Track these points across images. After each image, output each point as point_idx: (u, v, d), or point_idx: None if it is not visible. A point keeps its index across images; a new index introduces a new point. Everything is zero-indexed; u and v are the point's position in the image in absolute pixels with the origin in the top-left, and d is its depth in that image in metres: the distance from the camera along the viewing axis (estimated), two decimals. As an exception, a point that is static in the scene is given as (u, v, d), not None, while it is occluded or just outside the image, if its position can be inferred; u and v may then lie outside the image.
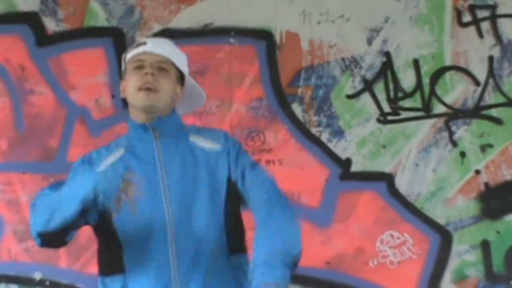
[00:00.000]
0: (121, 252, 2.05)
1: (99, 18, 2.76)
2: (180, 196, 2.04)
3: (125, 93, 2.13)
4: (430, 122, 2.82)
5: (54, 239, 1.99)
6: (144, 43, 2.10)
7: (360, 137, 2.81)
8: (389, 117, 2.81)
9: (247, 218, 2.00)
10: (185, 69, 2.17)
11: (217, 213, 2.05)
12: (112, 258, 2.08)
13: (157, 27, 2.77)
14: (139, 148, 2.11)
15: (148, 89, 2.03)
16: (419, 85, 2.82)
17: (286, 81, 2.79)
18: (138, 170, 2.05)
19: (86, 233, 2.71)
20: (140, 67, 2.06)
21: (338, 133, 2.80)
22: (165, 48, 2.13)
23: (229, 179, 2.08)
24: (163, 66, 2.08)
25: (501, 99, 2.82)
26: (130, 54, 2.12)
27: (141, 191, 2.03)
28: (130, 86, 2.06)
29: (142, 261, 2.02)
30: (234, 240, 2.06)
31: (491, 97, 2.83)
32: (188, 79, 2.20)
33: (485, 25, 2.83)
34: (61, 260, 2.71)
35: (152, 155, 2.08)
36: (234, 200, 2.06)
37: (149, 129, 2.10)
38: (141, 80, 2.05)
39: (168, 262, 1.99)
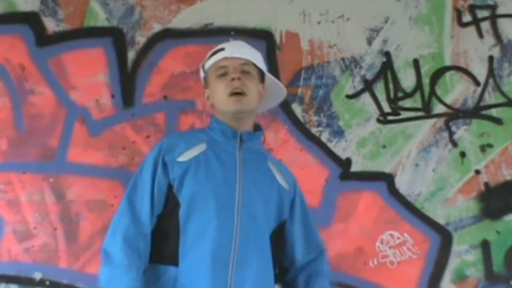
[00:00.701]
0: (177, 246, 2.08)
1: (99, 18, 2.76)
2: (251, 210, 2.10)
3: (210, 101, 2.22)
4: (430, 122, 2.82)
5: None
6: (222, 49, 2.17)
7: (360, 137, 2.81)
8: (389, 117, 2.81)
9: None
10: (264, 67, 2.23)
11: (266, 233, 2.16)
12: (168, 248, 2.10)
13: (157, 27, 2.77)
14: (222, 151, 2.15)
15: (238, 93, 2.11)
16: (419, 85, 2.82)
17: (286, 81, 2.79)
18: (219, 172, 2.10)
19: (86, 233, 2.73)
20: (224, 74, 2.14)
21: (338, 133, 2.80)
22: (244, 50, 2.20)
23: (284, 220, 2.21)
24: (246, 68, 2.16)
25: (501, 99, 2.83)
26: (210, 62, 2.20)
27: (217, 194, 2.09)
28: (219, 94, 2.13)
29: (200, 260, 2.05)
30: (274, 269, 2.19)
31: (491, 97, 2.83)
32: (268, 76, 2.24)
33: (485, 25, 2.84)
34: (61, 260, 2.71)
35: (234, 163, 2.13)
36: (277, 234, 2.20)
37: (237, 137, 2.16)
38: (229, 86, 2.12)
39: (227, 267, 2.05)
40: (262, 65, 2.23)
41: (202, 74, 2.25)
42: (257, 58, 2.22)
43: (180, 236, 2.08)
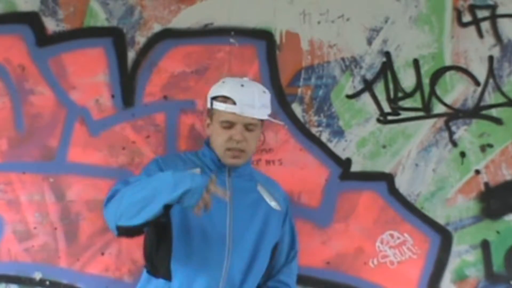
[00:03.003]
0: (169, 262, 2.16)
1: (99, 18, 2.76)
2: (241, 239, 2.20)
3: (208, 132, 2.29)
4: (430, 122, 2.82)
5: (132, 232, 2.07)
6: (234, 103, 2.18)
7: (360, 137, 2.81)
8: (389, 117, 2.81)
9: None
10: (269, 113, 2.27)
11: (264, 264, 2.29)
12: (160, 261, 2.18)
13: (157, 27, 2.77)
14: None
15: (236, 152, 2.19)
16: (419, 85, 2.82)
17: (286, 81, 2.79)
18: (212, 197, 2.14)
19: (86, 233, 2.73)
20: (228, 127, 2.20)
21: (338, 133, 2.80)
22: (254, 107, 2.19)
23: (277, 242, 2.34)
24: (251, 127, 2.23)
25: (501, 99, 2.83)
26: (219, 106, 2.22)
27: (208, 220, 2.15)
28: (219, 142, 2.21)
29: (191, 279, 2.15)
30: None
31: (491, 97, 2.83)
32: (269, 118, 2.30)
33: (485, 25, 2.84)
34: (61, 260, 2.71)
35: (224, 190, 2.13)
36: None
37: (226, 168, 2.25)
38: (230, 143, 2.20)
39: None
40: (268, 112, 2.27)
41: (208, 104, 2.30)
42: (266, 107, 2.25)
43: (172, 253, 2.16)
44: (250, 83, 2.27)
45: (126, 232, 2.04)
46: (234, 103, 2.18)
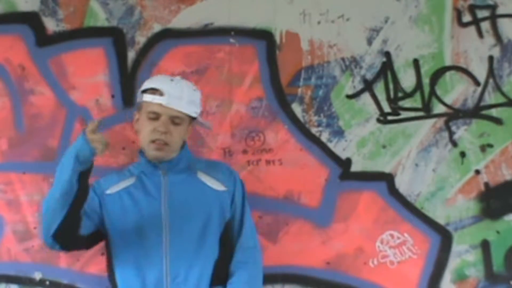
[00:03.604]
0: (113, 267, 2.28)
1: (99, 18, 2.76)
2: (181, 230, 2.21)
3: (136, 127, 2.34)
4: (430, 122, 2.82)
5: (64, 236, 2.14)
6: (161, 94, 2.23)
7: (360, 137, 2.81)
8: (389, 117, 2.81)
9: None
10: (197, 111, 2.31)
11: (214, 247, 2.25)
12: (109, 272, 2.35)
13: (157, 27, 2.77)
14: (148, 181, 2.28)
15: (160, 144, 2.22)
16: (419, 85, 2.82)
17: (286, 81, 2.79)
18: (143, 201, 2.23)
19: (86, 233, 2.72)
20: (154, 119, 2.22)
21: (338, 133, 2.80)
22: (181, 100, 2.24)
23: (228, 220, 2.31)
24: (177, 121, 2.26)
25: (501, 99, 2.82)
26: (147, 98, 2.27)
27: (142, 222, 2.21)
28: (144, 134, 2.25)
29: (132, 282, 2.20)
30: (219, 273, 2.25)
31: (491, 97, 2.82)
32: (198, 118, 2.35)
33: (485, 25, 2.83)
34: (61, 260, 2.71)
35: (158, 189, 2.25)
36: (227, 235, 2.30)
37: (158, 167, 2.26)
38: (154, 134, 2.24)
39: None
40: (196, 110, 2.30)
41: (138, 97, 2.35)
42: (193, 105, 2.28)
43: (114, 266, 2.26)
44: (181, 80, 2.32)
45: (62, 236, 2.14)
46: (161, 94, 2.23)
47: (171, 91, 2.23)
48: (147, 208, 2.22)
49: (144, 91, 2.28)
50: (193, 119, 2.33)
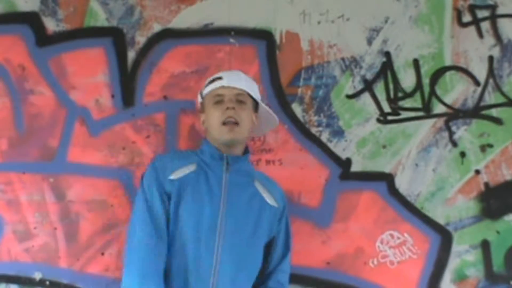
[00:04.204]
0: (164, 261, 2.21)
1: (99, 18, 2.76)
2: (233, 233, 2.22)
3: (204, 125, 2.36)
4: (430, 122, 2.82)
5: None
6: (220, 78, 2.30)
7: (360, 137, 2.81)
8: (389, 117, 2.81)
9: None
10: (258, 97, 2.35)
11: (259, 258, 2.31)
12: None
13: (157, 27, 2.77)
14: (210, 173, 2.28)
15: (231, 123, 2.23)
16: (419, 85, 2.82)
17: (286, 81, 2.79)
18: (204, 194, 2.22)
19: (86, 233, 2.73)
20: (220, 102, 2.26)
21: (338, 133, 2.80)
22: (240, 81, 2.32)
23: (273, 237, 2.37)
24: (241, 98, 2.29)
25: (501, 99, 2.82)
26: (207, 89, 2.34)
27: (201, 215, 2.20)
28: (213, 121, 2.27)
29: (181, 275, 2.18)
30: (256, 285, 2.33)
31: (491, 97, 2.83)
32: (262, 105, 2.35)
33: (485, 25, 2.84)
34: (61, 260, 2.71)
35: (219, 185, 2.25)
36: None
37: (224, 160, 2.25)
38: (224, 114, 2.26)
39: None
40: (257, 95, 2.36)
41: (199, 99, 2.39)
42: (253, 89, 2.35)
43: (168, 251, 2.21)
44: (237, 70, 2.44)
45: None
46: (221, 78, 2.30)
47: (229, 75, 2.32)
48: (208, 202, 2.21)
49: (203, 90, 2.35)
50: (255, 106, 2.35)
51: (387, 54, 2.82)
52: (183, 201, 2.22)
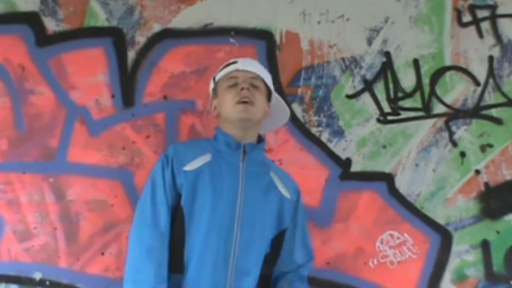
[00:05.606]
0: (183, 254, 2.20)
1: (99, 18, 2.76)
2: (250, 221, 2.21)
3: (216, 111, 2.34)
4: (430, 122, 2.82)
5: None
6: (235, 62, 2.32)
7: (360, 137, 2.81)
8: (389, 117, 2.81)
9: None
10: (272, 86, 2.35)
11: (266, 248, 2.28)
12: (175, 257, 2.22)
13: (157, 27, 2.77)
14: (226, 161, 2.26)
15: (246, 102, 2.23)
16: (419, 85, 2.82)
17: (286, 81, 2.79)
18: (222, 184, 2.21)
19: (86, 233, 2.73)
20: (234, 85, 2.27)
21: (338, 133, 2.80)
22: (255, 66, 2.34)
23: (284, 229, 2.33)
24: (255, 82, 2.31)
25: (501, 99, 2.83)
26: (221, 73, 2.34)
27: (219, 205, 2.19)
28: (228, 102, 2.25)
29: (201, 268, 2.16)
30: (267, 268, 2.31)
31: (491, 97, 2.83)
32: (275, 96, 2.35)
33: (485, 25, 2.84)
34: (61, 260, 2.71)
35: (237, 175, 2.24)
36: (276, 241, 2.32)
37: (240, 148, 2.21)
38: (238, 95, 2.25)
39: (225, 276, 2.16)
40: (270, 84, 2.36)
41: (212, 85, 2.38)
42: (267, 76, 2.36)
43: (185, 245, 2.18)
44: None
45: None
46: (235, 63, 2.31)
47: (244, 60, 2.34)
48: (226, 193, 2.19)
49: (217, 74, 2.35)
50: (268, 95, 2.35)
51: (387, 54, 2.82)
52: (199, 192, 2.19)
